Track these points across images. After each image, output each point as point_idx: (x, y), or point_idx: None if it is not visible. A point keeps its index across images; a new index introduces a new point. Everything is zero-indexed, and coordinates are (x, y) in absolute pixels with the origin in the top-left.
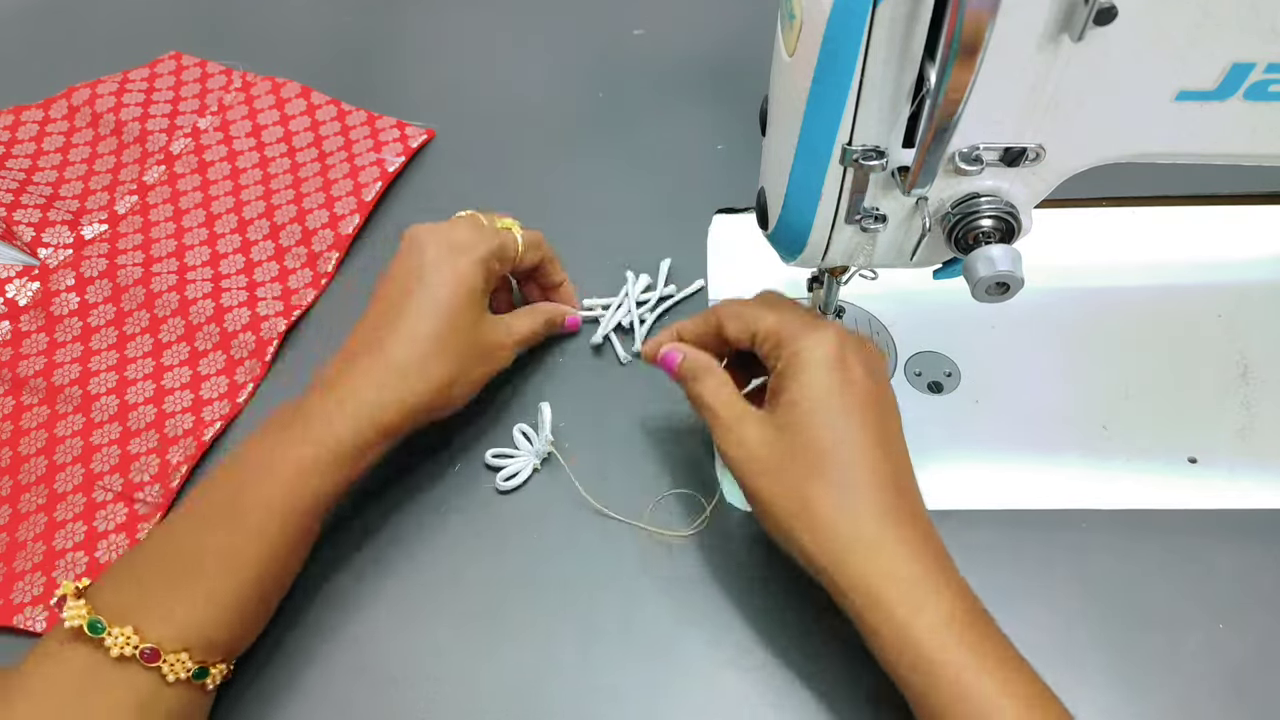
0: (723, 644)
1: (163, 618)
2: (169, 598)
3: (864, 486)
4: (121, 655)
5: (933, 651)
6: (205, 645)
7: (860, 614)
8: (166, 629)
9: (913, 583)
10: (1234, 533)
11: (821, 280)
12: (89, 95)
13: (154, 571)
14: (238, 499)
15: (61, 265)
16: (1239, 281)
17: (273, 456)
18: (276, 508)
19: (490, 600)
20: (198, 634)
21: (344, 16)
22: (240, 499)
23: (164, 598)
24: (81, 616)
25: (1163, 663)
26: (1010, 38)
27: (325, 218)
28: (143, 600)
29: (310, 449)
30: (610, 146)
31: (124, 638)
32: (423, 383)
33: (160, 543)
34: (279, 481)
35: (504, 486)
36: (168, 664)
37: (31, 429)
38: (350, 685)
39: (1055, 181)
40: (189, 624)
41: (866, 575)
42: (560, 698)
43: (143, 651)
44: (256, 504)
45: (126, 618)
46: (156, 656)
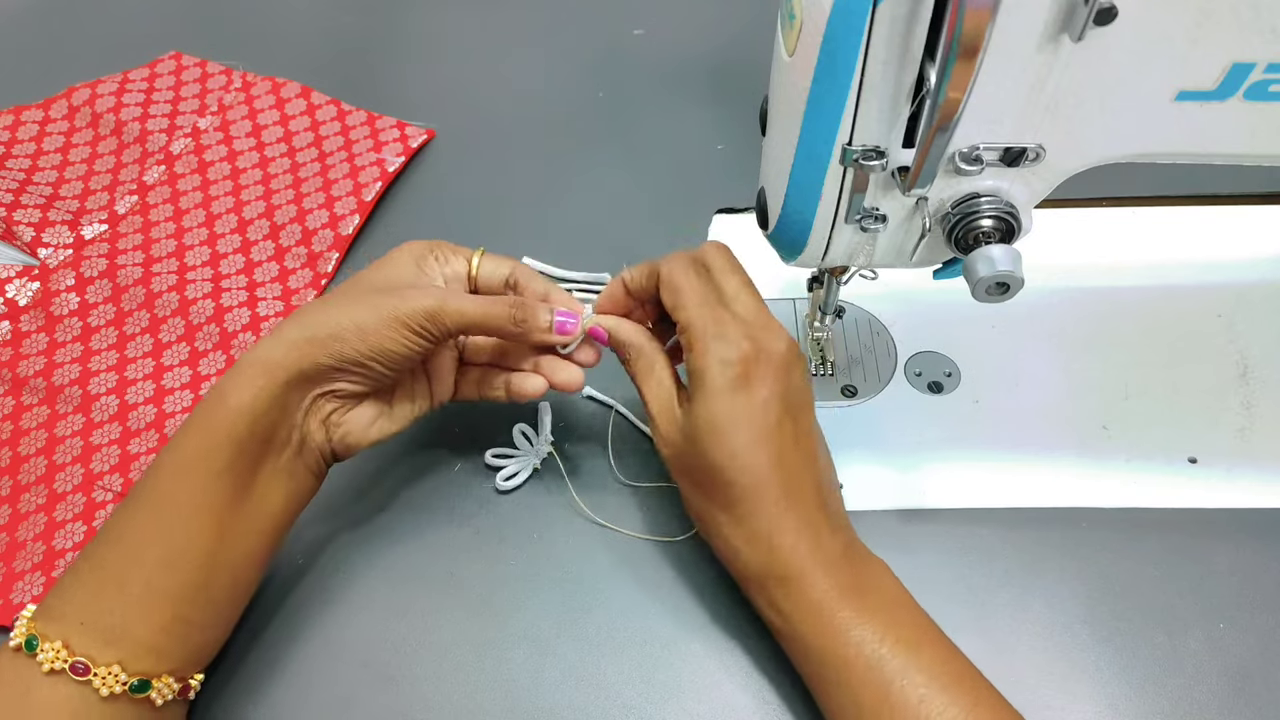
0: (723, 645)
1: (90, 626)
2: (95, 602)
3: (751, 505)
4: (52, 670)
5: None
6: (140, 651)
7: (754, 602)
8: (96, 638)
9: (786, 578)
10: (1234, 532)
11: (821, 280)
12: (89, 95)
13: (78, 578)
14: (138, 489)
15: (61, 265)
16: (1239, 281)
17: (168, 440)
18: (160, 476)
19: (490, 600)
20: (130, 640)
21: (344, 16)
22: (139, 489)
23: (91, 602)
24: (21, 634)
25: (1163, 662)
26: (1010, 38)
27: (325, 218)
28: (75, 608)
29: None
30: (610, 146)
31: (53, 652)
32: (298, 320)
33: (93, 545)
34: (164, 453)
35: (504, 486)
36: (99, 677)
37: (31, 429)
38: (350, 685)
39: (1055, 181)
40: (118, 629)
41: (757, 570)
42: (560, 697)
43: (73, 665)
44: (145, 479)
45: (62, 628)
46: (87, 670)
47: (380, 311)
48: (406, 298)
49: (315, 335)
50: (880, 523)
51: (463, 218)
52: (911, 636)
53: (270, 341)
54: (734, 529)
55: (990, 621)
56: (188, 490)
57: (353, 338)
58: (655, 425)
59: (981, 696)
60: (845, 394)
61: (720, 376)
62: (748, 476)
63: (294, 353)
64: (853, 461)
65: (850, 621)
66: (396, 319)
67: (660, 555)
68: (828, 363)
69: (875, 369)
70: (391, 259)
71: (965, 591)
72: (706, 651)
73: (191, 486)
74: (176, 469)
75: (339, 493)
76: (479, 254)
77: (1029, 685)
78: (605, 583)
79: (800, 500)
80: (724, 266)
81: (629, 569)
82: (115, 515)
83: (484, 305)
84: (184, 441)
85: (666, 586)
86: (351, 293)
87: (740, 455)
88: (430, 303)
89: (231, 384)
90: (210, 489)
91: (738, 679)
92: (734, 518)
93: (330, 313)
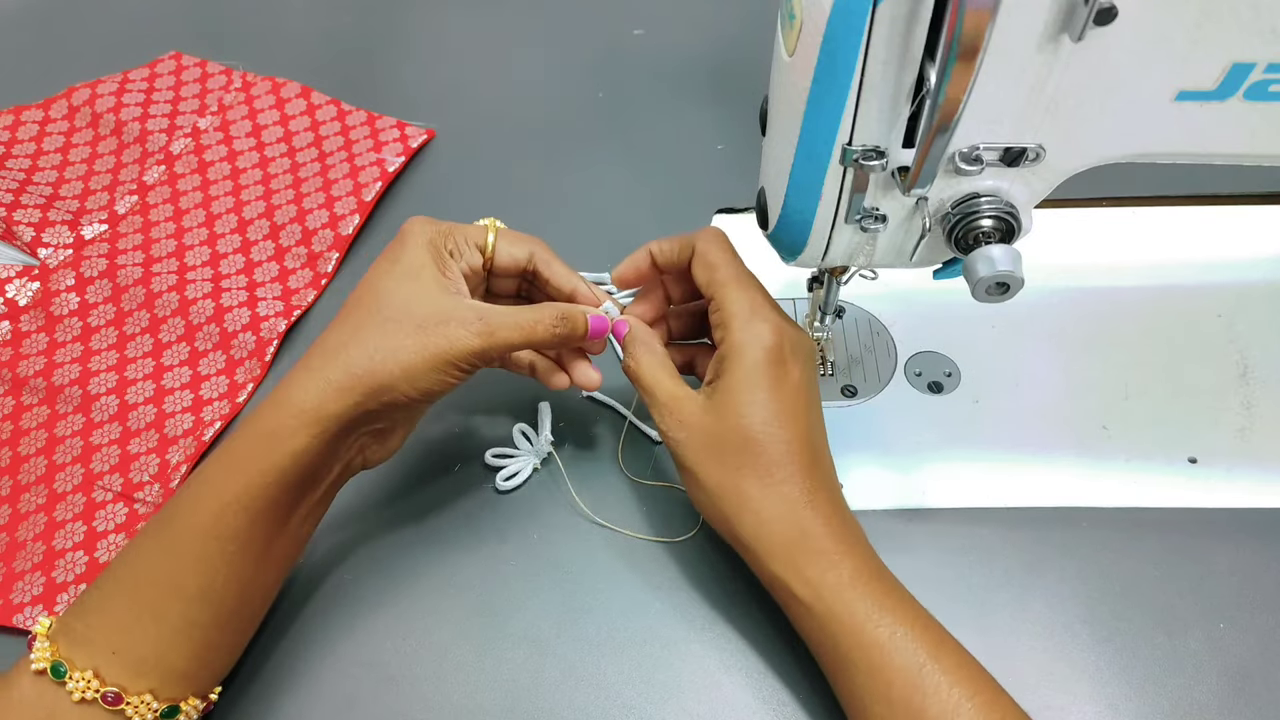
0: (723, 645)
1: (124, 655)
2: (129, 631)
3: (786, 472)
4: (83, 699)
5: (838, 605)
6: (171, 679)
7: (777, 577)
8: (128, 667)
9: (821, 551)
10: (1234, 532)
11: (821, 280)
12: (89, 95)
13: (109, 602)
14: (175, 508)
15: (61, 265)
16: (1239, 281)
17: (207, 464)
18: (201, 509)
19: (490, 600)
20: (162, 669)
21: (344, 16)
22: (177, 507)
23: (124, 632)
24: (45, 659)
25: (1163, 662)
26: (1010, 38)
27: (325, 218)
28: (100, 633)
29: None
30: (610, 146)
31: (84, 681)
32: (339, 361)
33: (116, 570)
34: (202, 485)
35: (504, 486)
36: (132, 706)
37: (31, 429)
38: (350, 685)
39: (1055, 181)
40: (151, 659)
41: (783, 542)
42: (560, 698)
43: (104, 695)
44: (185, 509)
45: (91, 655)
46: (119, 700)
47: (426, 353)
48: (454, 339)
49: (362, 382)
50: (880, 523)
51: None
52: (933, 632)
53: (314, 383)
54: (767, 496)
55: (990, 621)
56: (231, 527)
57: (402, 384)
58: (667, 409)
59: (1000, 697)
60: (845, 394)
61: (760, 350)
62: (783, 443)
63: (344, 400)
64: (853, 461)
65: (880, 604)
66: (445, 361)
67: (660, 555)
68: (828, 363)
69: (875, 369)
70: (409, 264)
71: (965, 591)
72: (706, 651)
73: (236, 524)
74: (220, 505)
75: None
76: (493, 231)
77: (1029, 685)
78: (605, 583)
79: (829, 479)
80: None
81: (629, 569)
82: (146, 541)
83: (527, 330)
84: (226, 477)
85: (666, 586)
86: (382, 316)
87: (777, 422)
88: (478, 344)
89: (278, 425)
90: (255, 526)
91: (738, 679)
92: (767, 485)
93: (373, 353)
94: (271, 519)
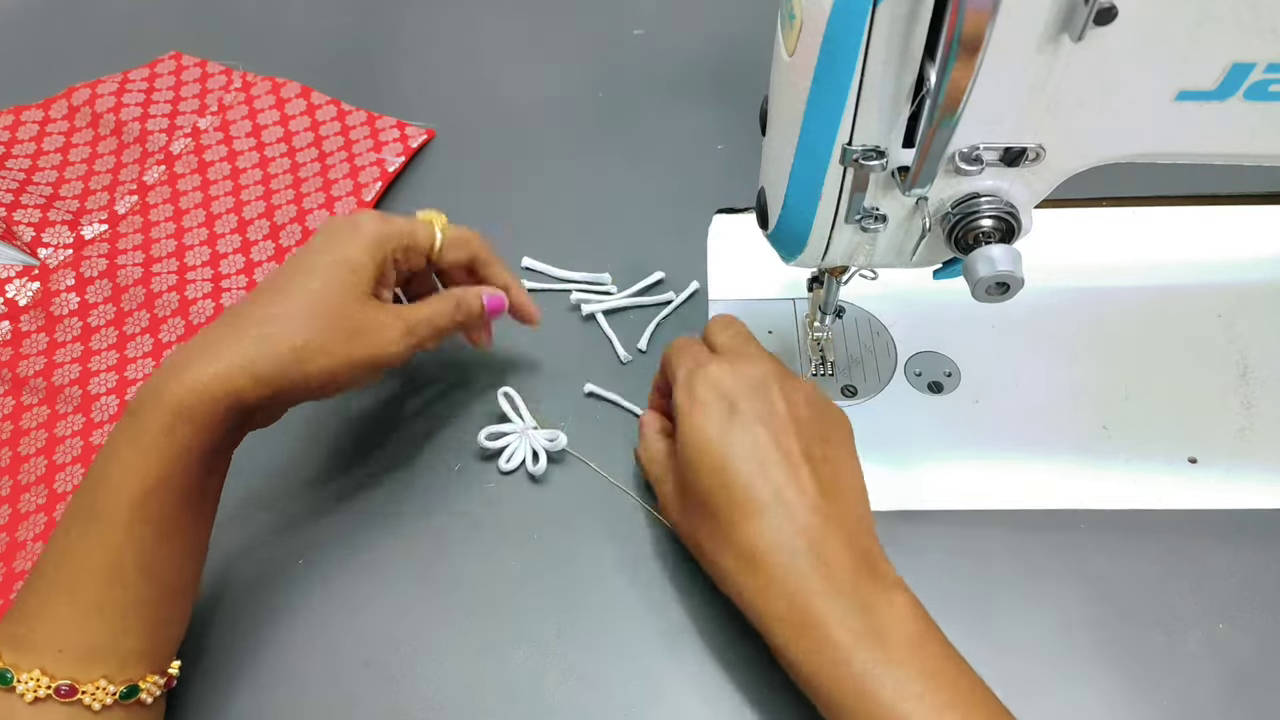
0: (724, 645)
1: (70, 650)
2: (75, 628)
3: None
4: (36, 698)
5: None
6: (125, 661)
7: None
8: (77, 660)
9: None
10: (1234, 533)
11: (821, 280)
12: (89, 95)
13: (44, 601)
14: (94, 497)
15: (61, 265)
16: (1239, 281)
17: (115, 445)
18: (124, 497)
19: (490, 600)
20: (115, 654)
21: (344, 16)
22: (94, 499)
23: (69, 629)
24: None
25: (1163, 663)
26: (1010, 38)
27: (325, 218)
28: (49, 636)
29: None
30: (610, 147)
31: (34, 681)
32: (262, 344)
33: (44, 568)
34: (120, 470)
35: (506, 467)
36: (88, 694)
37: (31, 429)
38: (351, 685)
39: (1055, 181)
40: (101, 648)
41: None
42: (560, 697)
43: (57, 689)
44: (108, 499)
45: (37, 657)
46: (74, 692)
47: (353, 357)
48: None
49: (285, 375)
50: (880, 523)
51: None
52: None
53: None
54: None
55: (990, 622)
56: (159, 508)
57: (324, 380)
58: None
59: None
60: (845, 394)
61: (689, 402)
62: (726, 492)
63: (262, 389)
64: None
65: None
66: (370, 365)
67: (662, 555)
68: (828, 363)
69: (875, 369)
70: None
71: (965, 592)
72: (707, 652)
73: (163, 504)
74: (144, 489)
75: (338, 494)
76: (440, 229)
77: (1029, 685)
78: (606, 583)
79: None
80: (719, 327)
81: (630, 569)
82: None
83: (438, 325)
84: (144, 460)
85: (668, 586)
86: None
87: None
88: (400, 349)
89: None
90: (181, 503)
91: (739, 679)
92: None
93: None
94: (190, 493)
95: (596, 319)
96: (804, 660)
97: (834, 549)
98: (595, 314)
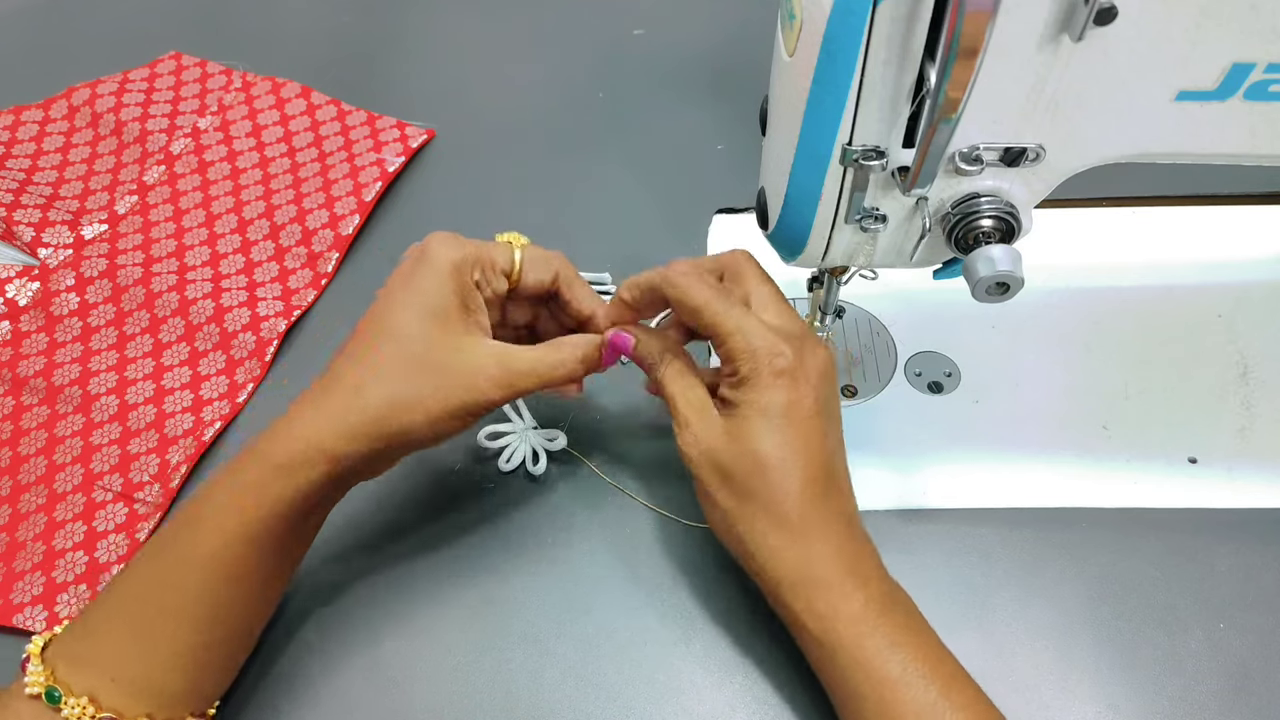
0: (724, 645)
1: (122, 681)
2: (129, 657)
3: (798, 503)
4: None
5: (849, 639)
6: (170, 701)
7: (788, 607)
8: (126, 692)
9: (831, 584)
10: (1234, 532)
11: (821, 280)
12: (89, 95)
13: (109, 625)
14: (180, 536)
15: (61, 265)
16: (1239, 281)
17: (216, 487)
18: (211, 543)
19: (490, 600)
20: (161, 693)
21: (344, 16)
22: (178, 535)
23: (124, 657)
24: (40, 684)
25: (1163, 662)
26: (1010, 38)
27: (325, 218)
28: (99, 657)
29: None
30: (610, 146)
31: (80, 708)
32: (359, 402)
33: (117, 592)
34: (212, 512)
35: (506, 468)
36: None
37: (31, 429)
38: (351, 686)
39: (1055, 181)
40: (150, 684)
41: (794, 574)
42: (560, 698)
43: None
44: (194, 541)
45: (88, 681)
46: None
47: (449, 404)
48: (476, 390)
49: (381, 428)
50: (880, 523)
51: (463, 218)
52: (946, 667)
53: (330, 422)
54: (773, 528)
55: (990, 622)
56: (236, 557)
57: (422, 431)
58: (687, 424)
59: None
60: (845, 394)
61: (770, 377)
62: (795, 474)
63: (361, 444)
64: (853, 461)
65: (892, 639)
66: (466, 411)
67: (661, 555)
68: None
69: (875, 369)
70: (432, 298)
71: (965, 591)
72: (707, 651)
73: (241, 554)
74: (226, 536)
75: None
76: (520, 250)
77: (1029, 685)
78: (605, 582)
79: (840, 507)
80: (755, 275)
81: (629, 568)
82: (149, 566)
83: (546, 377)
84: (232, 507)
85: (667, 586)
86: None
87: (789, 451)
88: (498, 396)
89: (290, 458)
90: (259, 555)
91: (739, 679)
92: (775, 517)
93: (394, 398)
94: (276, 548)
95: None
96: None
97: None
98: None
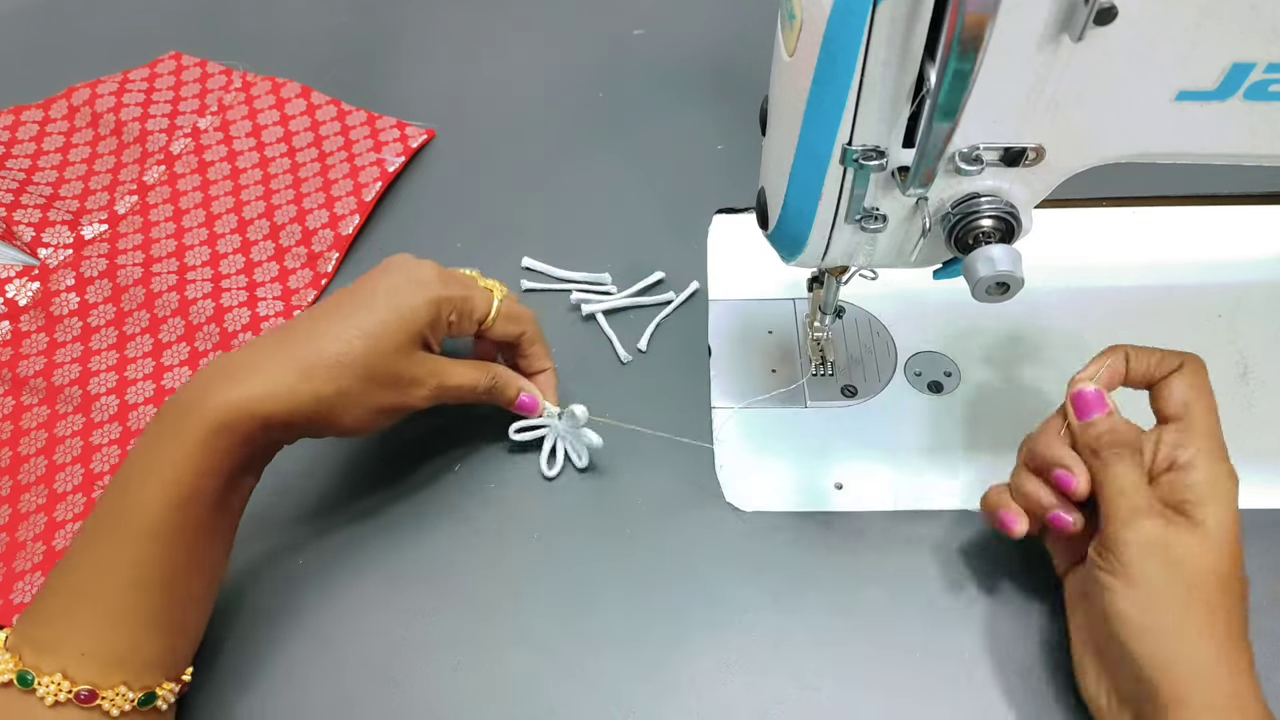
0: (723, 645)
1: (93, 655)
2: (98, 633)
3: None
4: (57, 702)
5: None
6: (144, 669)
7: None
8: (99, 665)
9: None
10: None
11: (821, 280)
12: (89, 95)
13: (79, 607)
14: (122, 504)
15: (61, 265)
16: (1239, 281)
17: (147, 452)
18: (154, 507)
19: (490, 600)
20: (135, 661)
21: (344, 16)
22: (123, 506)
23: (93, 634)
24: (9, 671)
25: None
26: (1010, 38)
27: (325, 218)
28: (73, 640)
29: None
30: (610, 146)
31: (55, 685)
32: (305, 379)
33: (72, 565)
34: (153, 479)
35: (550, 474)
36: (107, 700)
37: (31, 429)
38: (350, 685)
39: (1055, 181)
40: (122, 655)
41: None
42: (560, 697)
43: (78, 694)
44: (137, 507)
45: (59, 660)
46: (94, 697)
47: (384, 403)
48: (410, 397)
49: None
50: (880, 523)
51: (463, 218)
52: None
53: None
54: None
55: (990, 622)
56: (191, 519)
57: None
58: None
59: None
60: (845, 394)
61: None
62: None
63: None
64: (853, 461)
65: None
66: (395, 413)
67: (660, 555)
68: (828, 363)
69: (875, 369)
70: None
71: (965, 591)
72: (706, 651)
73: (195, 515)
74: (178, 499)
75: (339, 493)
76: (500, 301)
77: (1030, 685)
78: (605, 582)
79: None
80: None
81: (629, 567)
82: (101, 541)
83: (467, 391)
84: (179, 471)
85: (667, 586)
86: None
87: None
88: (425, 404)
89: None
90: (213, 514)
91: (738, 679)
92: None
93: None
94: (224, 505)
95: (596, 319)
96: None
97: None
98: (595, 314)
